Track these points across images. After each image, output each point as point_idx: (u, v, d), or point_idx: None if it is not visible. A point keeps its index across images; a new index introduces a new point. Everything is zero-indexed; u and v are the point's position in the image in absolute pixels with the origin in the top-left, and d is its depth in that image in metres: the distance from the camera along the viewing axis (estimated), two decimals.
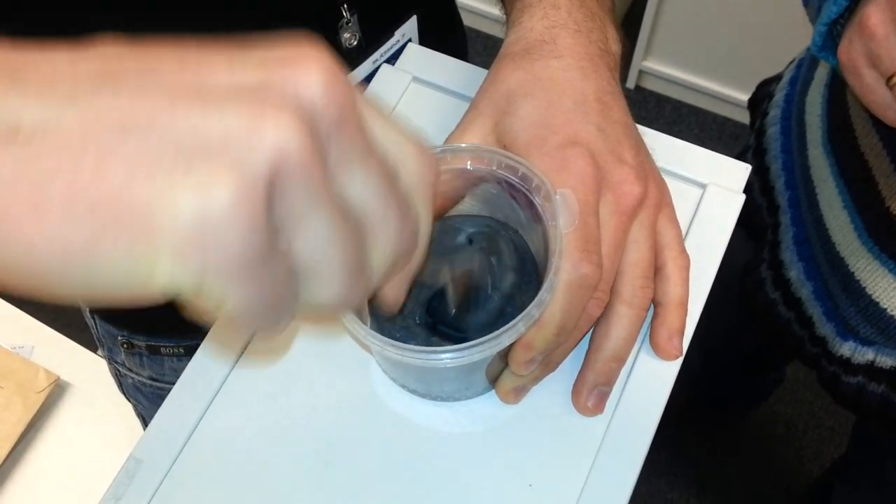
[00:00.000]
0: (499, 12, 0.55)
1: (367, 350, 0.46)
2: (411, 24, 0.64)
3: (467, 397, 0.45)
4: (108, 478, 0.43)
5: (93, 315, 0.79)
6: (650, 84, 1.98)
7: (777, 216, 0.84)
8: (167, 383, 0.79)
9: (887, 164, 0.66)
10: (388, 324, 0.43)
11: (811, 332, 0.82)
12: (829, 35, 0.60)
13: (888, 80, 0.54)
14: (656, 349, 0.45)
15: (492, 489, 0.43)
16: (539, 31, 0.46)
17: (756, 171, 0.87)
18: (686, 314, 0.45)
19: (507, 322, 0.38)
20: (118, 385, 0.87)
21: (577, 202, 0.40)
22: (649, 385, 0.45)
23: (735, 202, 0.50)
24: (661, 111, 1.97)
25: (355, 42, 0.61)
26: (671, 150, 0.51)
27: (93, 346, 0.97)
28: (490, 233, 0.45)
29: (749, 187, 0.77)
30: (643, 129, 0.49)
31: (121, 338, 0.77)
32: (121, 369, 0.82)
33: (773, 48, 1.36)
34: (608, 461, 0.43)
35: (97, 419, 0.98)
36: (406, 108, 0.54)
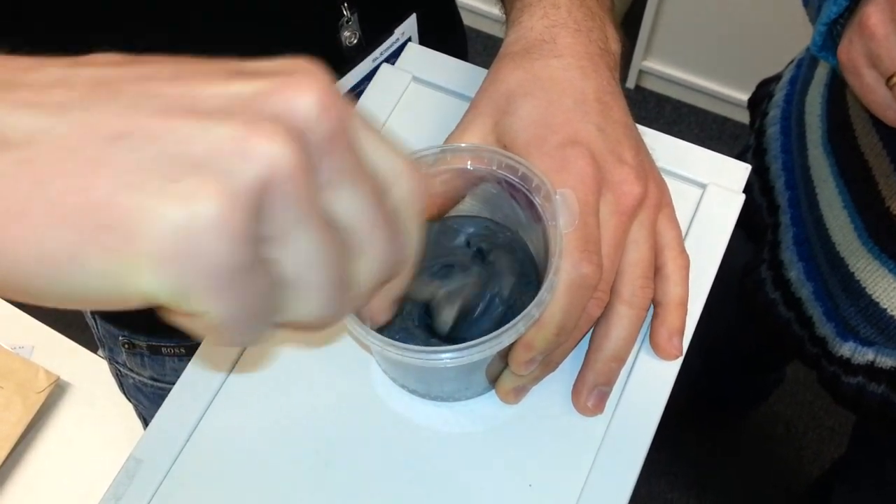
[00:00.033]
0: (498, 12, 0.55)
1: (367, 350, 0.46)
2: (411, 23, 0.64)
3: (467, 397, 0.45)
4: (108, 478, 0.43)
5: (93, 315, 0.79)
6: (650, 84, 1.98)
7: (777, 216, 0.84)
8: (168, 383, 0.79)
9: (887, 163, 0.66)
10: (387, 325, 0.43)
11: (811, 333, 0.82)
12: (829, 35, 0.60)
13: (888, 80, 0.54)
14: (656, 349, 0.45)
15: (492, 489, 0.43)
16: (539, 31, 0.46)
17: (756, 171, 0.87)
18: (686, 314, 0.45)
19: (507, 323, 0.38)
20: (119, 385, 0.87)
21: (577, 202, 0.40)
22: (649, 385, 0.45)
23: (735, 202, 0.50)
24: (661, 111, 1.97)
25: (355, 40, 0.61)
26: (671, 150, 0.51)
27: (93, 346, 0.97)
28: (488, 234, 0.45)
29: (749, 187, 0.77)
30: (643, 129, 0.49)
31: (122, 338, 0.77)
32: (122, 369, 0.82)
33: (772, 48, 1.36)
34: (608, 461, 0.43)
35: (97, 419, 0.98)
36: (406, 107, 0.54)
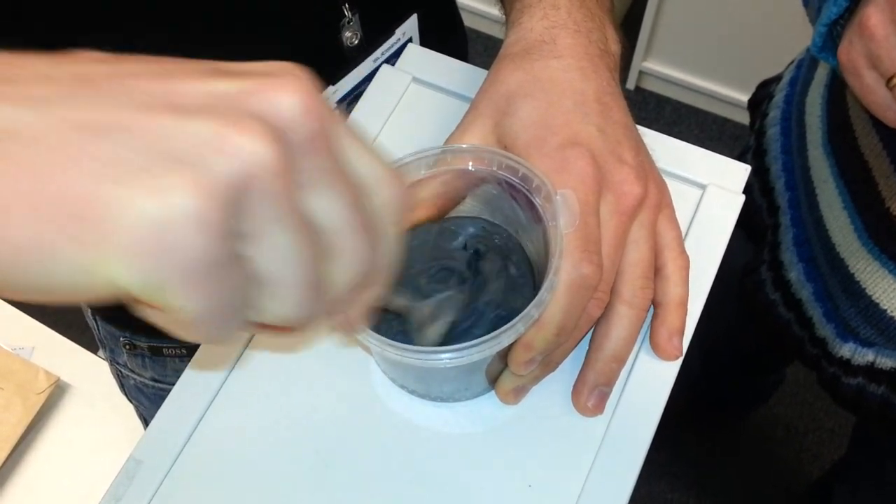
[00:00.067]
0: (498, 13, 0.55)
1: (367, 351, 0.46)
2: (412, 23, 0.64)
3: (467, 398, 0.45)
4: (108, 479, 0.43)
5: (95, 317, 0.79)
6: (650, 85, 1.98)
7: (777, 217, 0.84)
8: (169, 384, 0.79)
9: (887, 164, 0.66)
10: (384, 325, 0.43)
11: (811, 333, 0.82)
12: (829, 36, 0.60)
13: (888, 80, 0.54)
14: (656, 349, 0.45)
15: (492, 489, 0.43)
16: (539, 32, 0.46)
17: (756, 172, 0.87)
18: (686, 314, 0.45)
19: (501, 324, 0.38)
20: (120, 386, 0.87)
21: (577, 202, 0.40)
22: (649, 385, 0.45)
23: (735, 203, 0.50)
24: (661, 112, 1.97)
25: (356, 41, 0.61)
26: (671, 151, 0.51)
27: (93, 347, 0.97)
28: (485, 236, 0.45)
29: (749, 188, 0.77)
30: (643, 130, 0.49)
31: (123, 339, 0.77)
32: (123, 370, 0.82)
33: (772, 49, 1.36)
34: (608, 461, 0.43)
35: (97, 420, 0.98)
36: (406, 108, 0.54)
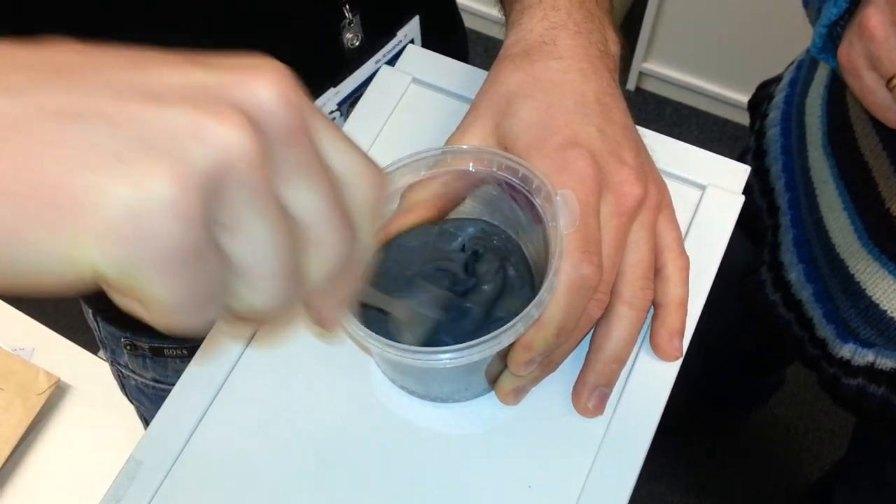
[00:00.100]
0: (498, 13, 0.55)
1: (367, 352, 0.46)
2: (413, 25, 0.64)
3: (467, 398, 0.45)
4: (109, 479, 0.43)
5: (95, 317, 0.79)
6: (650, 86, 1.98)
7: (777, 218, 0.84)
8: (170, 385, 0.79)
9: (887, 165, 0.66)
10: (381, 325, 0.43)
11: (811, 334, 0.82)
12: (829, 37, 0.60)
13: (888, 81, 0.54)
14: (656, 350, 0.45)
15: (491, 490, 0.43)
16: (539, 33, 0.46)
17: (756, 173, 0.87)
18: (686, 315, 0.45)
19: (499, 325, 0.38)
20: (121, 387, 0.87)
21: (577, 203, 0.40)
22: (649, 386, 0.45)
23: (734, 203, 0.50)
24: (661, 113, 1.97)
25: (357, 42, 0.61)
26: (671, 152, 0.51)
27: (93, 347, 0.97)
28: (483, 238, 0.45)
29: (749, 189, 0.77)
30: (643, 131, 0.49)
31: (124, 339, 0.77)
32: (124, 371, 0.82)
33: (772, 50, 1.36)
34: (608, 462, 0.43)
35: (97, 421, 0.98)
36: (406, 109, 0.54)
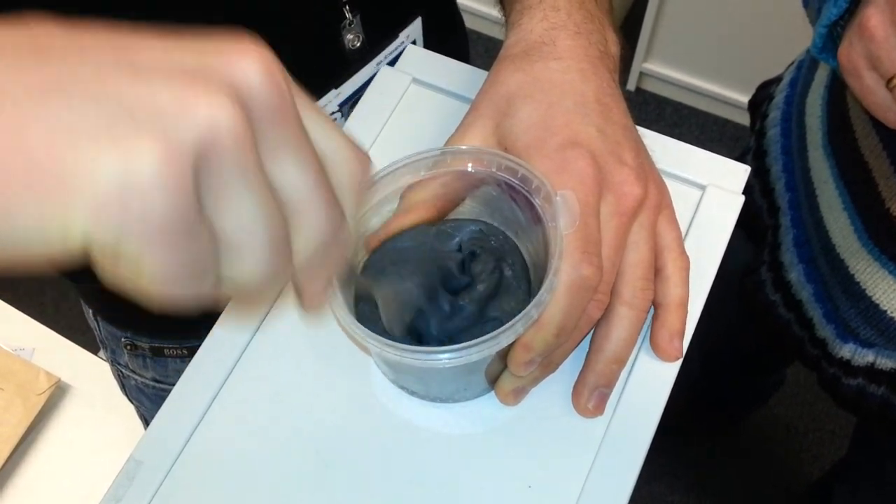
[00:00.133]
0: (498, 14, 0.55)
1: (367, 352, 0.46)
2: (416, 26, 0.64)
3: (466, 398, 0.45)
4: (109, 479, 0.43)
5: (95, 317, 0.79)
6: (651, 86, 1.98)
7: (777, 218, 0.84)
8: (170, 385, 0.79)
9: (887, 165, 0.66)
10: (372, 328, 0.42)
11: (811, 334, 0.82)
12: (830, 37, 0.60)
13: (888, 81, 0.54)
14: (656, 350, 0.45)
15: (491, 490, 0.43)
16: (539, 33, 0.46)
17: (756, 173, 0.87)
18: (686, 315, 0.45)
19: (493, 325, 0.37)
20: (121, 387, 0.87)
21: (577, 203, 0.40)
22: (649, 386, 0.45)
23: (734, 203, 0.50)
24: (661, 113, 1.97)
25: (358, 44, 0.60)
26: (671, 152, 0.51)
27: (93, 348, 0.97)
28: (481, 238, 0.45)
29: (749, 189, 0.77)
30: (643, 131, 0.49)
31: (124, 339, 0.77)
32: (124, 371, 0.82)
33: (773, 50, 1.36)
34: (608, 462, 0.43)
35: (97, 421, 0.98)
36: (406, 109, 0.54)
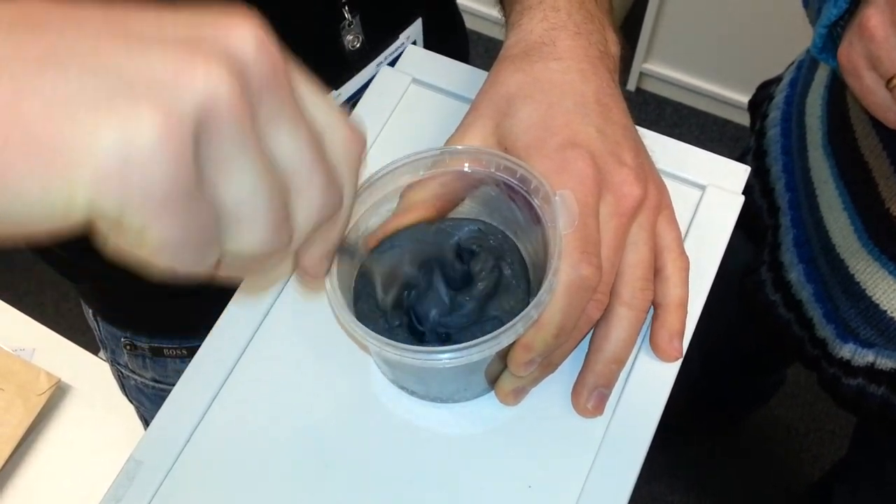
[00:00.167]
0: (498, 14, 0.55)
1: (366, 351, 0.46)
2: (416, 27, 0.64)
3: (466, 398, 0.45)
4: (109, 479, 0.43)
5: (95, 317, 0.79)
6: (651, 86, 1.98)
7: (777, 218, 0.84)
8: (170, 385, 0.79)
9: (887, 165, 0.66)
10: (371, 325, 0.42)
11: (811, 334, 0.82)
12: (830, 37, 0.60)
13: (888, 82, 0.54)
14: (656, 350, 0.45)
15: (491, 490, 0.43)
16: (539, 34, 0.46)
17: (756, 173, 0.87)
18: (686, 315, 0.45)
19: (493, 324, 0.37)
20: (121, 387, 0.87)
21: (576, 203, 0.40)
22: (649, 386, 0.45)
23: (734, 203, 0.50)
24: (661, 113, 1.97)
25: (358, 44, 0.60)
26: (670, 152, 0.51)
27: (93, 348, 0.97)
28: (479, 237, 0.45)
29: (749, 189, 0.77)
30: (643, 131, 0.49)
31: (124, 339, 0.77)
32: (123, 371, 0.82)
33: (773, 50, 1.36)
34: (607, 462, 0.43)
35: (98, 421, 0.98)
36: (406, 109, 0.54)
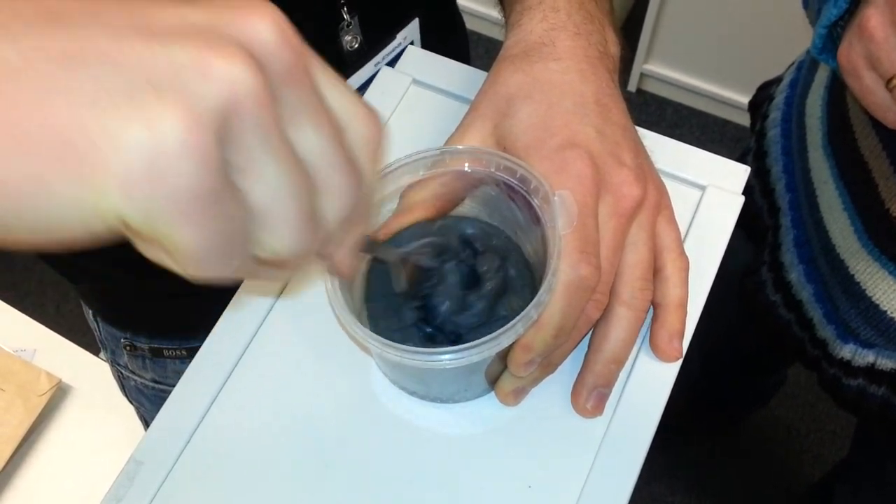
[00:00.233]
0: (498, 14, 0.55)
1: (367, 352, 0.46)
2: (413, 27, 0.64)
3: (467, 399, 0.45)
4: (109, 480, 0.43)
5: (96, 318, 0.79)
6: (651, 87, 1.98)
7: (777, 218, 0.84)
8: (170, 385, 0.79)
9: (887, 165, 0.66)
10: (384, 323, 0.43)
11: (811, 334, 0.82)
12: (829, 37, 0.60)
13: (888, 82, 0.54)
14: (656, 351, 0.45)
15: (491, 490, 0.43)
16: (538, 34, 0.46)
17: (756, 174, 0.87)
18: (686, 316, 0.45)
19: (502, 324, 0.38)
20: (121, 388, 0.87)
21: (575, 203, 0.40)
22: (649, 386, 0.45)
23: (734, 204, 0.50)
24: (662, 114, 1.97)
25: (356, 45, 0.60)
26: (670, 153, 0.51)
27: (94, 349, 0.97)
28: (480, 236, 0.45)
29: (750, 190, 0.77)
30: (643, 132, 0.49)
31: (124, 340, 0.77)
32: (123, 371, 0.82)
33: (773, 51, 1.36)
34: (607, 462, 0.43)
35: (98, 422, 0.98)
36: (406, 110, 0.54)
